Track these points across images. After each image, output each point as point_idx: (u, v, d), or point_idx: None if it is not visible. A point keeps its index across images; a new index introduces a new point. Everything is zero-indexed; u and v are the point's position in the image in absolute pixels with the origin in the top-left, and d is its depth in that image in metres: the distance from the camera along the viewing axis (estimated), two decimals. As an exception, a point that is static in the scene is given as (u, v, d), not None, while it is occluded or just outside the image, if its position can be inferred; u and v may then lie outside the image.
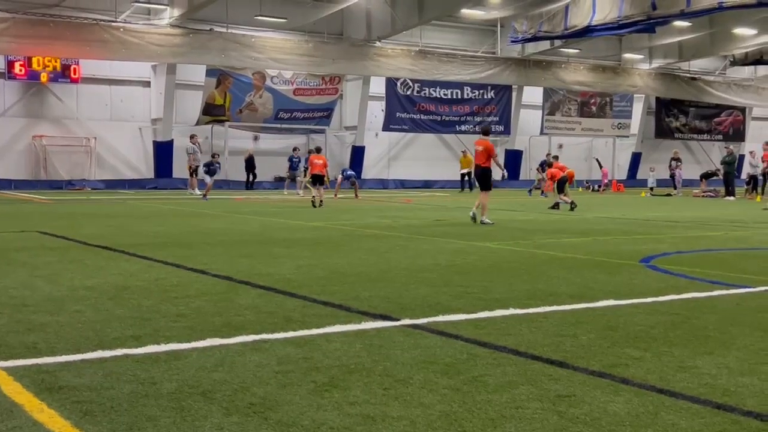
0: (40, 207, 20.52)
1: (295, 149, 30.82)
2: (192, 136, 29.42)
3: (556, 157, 25.60)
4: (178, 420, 3.66)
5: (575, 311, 6.47)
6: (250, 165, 33.12)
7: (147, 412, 3.76)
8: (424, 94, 38.14)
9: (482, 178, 15.87)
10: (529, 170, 42.04)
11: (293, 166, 29.96)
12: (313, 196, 20.66)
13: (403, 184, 37.38)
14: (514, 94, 40.49)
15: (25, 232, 12.99)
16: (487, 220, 15.37)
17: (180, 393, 4.06)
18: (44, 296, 6.89)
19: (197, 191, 27.70)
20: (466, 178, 34.23)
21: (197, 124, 32.85)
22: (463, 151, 35.86)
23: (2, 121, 30.08)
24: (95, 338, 5.26)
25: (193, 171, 28.42)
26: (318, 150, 23.14)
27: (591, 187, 37.77)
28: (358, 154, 36.62)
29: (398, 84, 37.25)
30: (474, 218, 15.56)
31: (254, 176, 33.16)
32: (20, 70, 29.81)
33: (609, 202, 26.81)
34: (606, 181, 38.46)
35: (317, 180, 20.82)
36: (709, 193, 32.33)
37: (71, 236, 12.19)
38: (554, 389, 4.18)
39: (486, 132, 16.57)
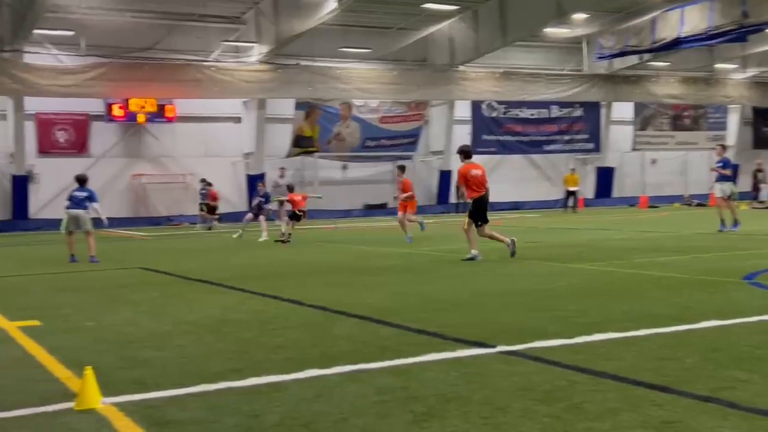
0: (141, 243, 21.24)
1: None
2: (281, 168, 30.29)
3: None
4: (281, 452, 3.72)
5: (676, 333, 6.30)
6: (459, 189, 34.75)
7: (251, 445, 3.84)
8: (510, 115, 37.96)
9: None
10: (623, 187, 41.22)
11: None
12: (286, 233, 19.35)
13: (492, 207, 37.09)
14: (603, 110, 39.85)
15: (127, 268, 13.48)
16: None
17: (282, 425, 4.13)
18: (148, 332, 7.13)
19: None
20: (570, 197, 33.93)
21: (288, 156, 33.52)
22: (572, 169, 35.73)
23: (104, 162, 31.33)
24: (198, 372, 5.41)
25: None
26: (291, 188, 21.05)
27: (690, 203, 36.71)
28: (445, 178, 36.64)
29: (483, 106, 37.19)
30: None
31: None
32: (119, 112, 31.03)
33: (706, 216, 25.97)
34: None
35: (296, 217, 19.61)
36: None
37: (172, 271, 12.57)
38: (658, 415, 4.08)
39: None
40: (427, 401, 4.49)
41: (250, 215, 21.72)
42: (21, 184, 29.54)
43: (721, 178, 18.21)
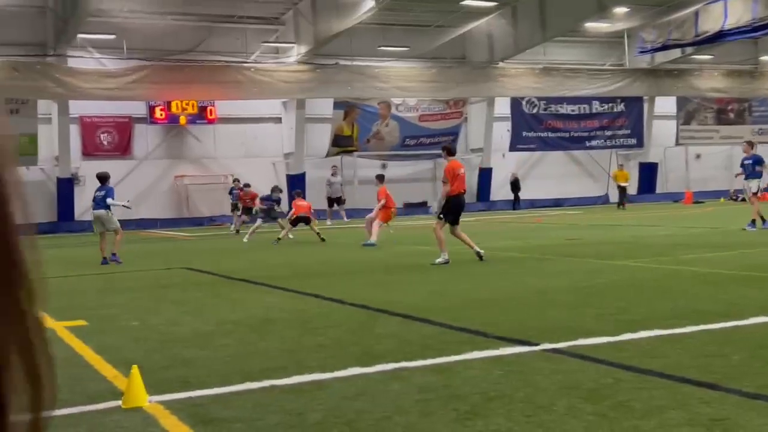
0: (184, 244, 21.48)
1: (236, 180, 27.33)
2: (333, 166, 30.97)
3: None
4: (325, 450, 3.74)
5: (723, 330, 6.19)
6: (515, 187, 35.60)
7: (295, 443, 3.86)
8: (551, 111, 37.63)
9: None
10: (667, 183, 40.69)
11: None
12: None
13: (532, 204, 36.93)
14: (645, 105, 39.35)
15: (171, 268, 13.63)
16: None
17: (325, 423, 4.15)
18: (194, 331, 7.20)
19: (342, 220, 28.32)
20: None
21: (327, 155, 33.65)
22: (620, 165, 35.23)
23: (147, 164, 31.78)
24: (242, 370, 5.45)
25: (334, 201, 29.50)
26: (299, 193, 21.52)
27: (736, 198, 36.08)
28: (485, 176, 36.47)
29: (523, 103, 36.94)
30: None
31: (517, 198, 35.69)
32: (161, 115, 31.48)
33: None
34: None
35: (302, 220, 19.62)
36: None
37: (215, 271, 12.69)
38: (706, 413, 4.02)
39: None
40: (470, 399, 4.47)
41: (259, 221, 21.24)
42: (66, 187, 30.06)
43: (753, 176, 17.77)
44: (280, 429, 4.10)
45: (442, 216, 12.63)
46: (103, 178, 15.23)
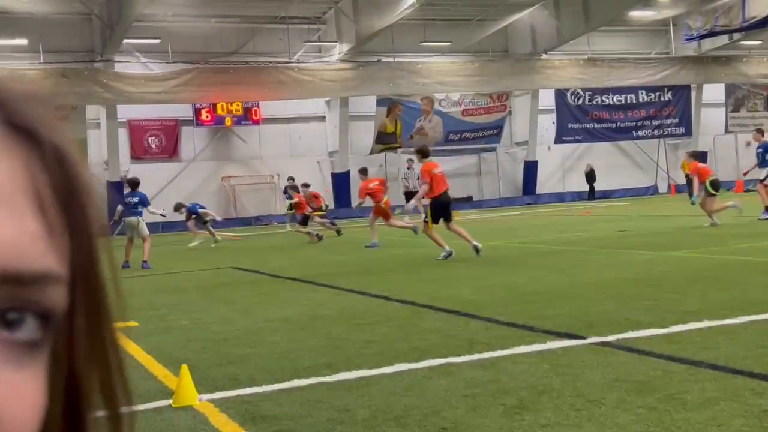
0: (232, 243, 21.70)
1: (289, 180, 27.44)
2: (409, 160, 30.61)
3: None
4: (373, 446, 3.75)
5: (777, 320, 6.07)
6: (590, 177, 35.72)
7: (343, 439, 3.88)
8: (596, 102, 37.18)
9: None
10: (717, 171, 39.94)
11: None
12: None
13: (579, 196, 36.55)
14: (693, 93, 38.68)
15: (220, 268, 13.79)
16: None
17: (374, 419, 4.17)
18: (242, 329, 7.28)
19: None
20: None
21: (371, 153, 33.70)
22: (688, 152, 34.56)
23: (194, 166, 32.18)
24: (291, 367, 5.50)
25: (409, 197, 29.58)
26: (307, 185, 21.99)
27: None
28: (530, 169, 36.19)
29: (568, 94, 36.55)
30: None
31: (593, 188, 35.80)
32: (207, 117, 31.83)
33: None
34: None
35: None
36: None
37: (262, 270, 12.81)
38: (759, 404, 3.94)
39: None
40: (518, 394, 4.45)
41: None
42: (116, 190, 30.56)
43: (765, 164, 17.91)
44: (329, 425, 4.13)
45: (427, 220, 12.93)
46: (134, 183, 15.38)
